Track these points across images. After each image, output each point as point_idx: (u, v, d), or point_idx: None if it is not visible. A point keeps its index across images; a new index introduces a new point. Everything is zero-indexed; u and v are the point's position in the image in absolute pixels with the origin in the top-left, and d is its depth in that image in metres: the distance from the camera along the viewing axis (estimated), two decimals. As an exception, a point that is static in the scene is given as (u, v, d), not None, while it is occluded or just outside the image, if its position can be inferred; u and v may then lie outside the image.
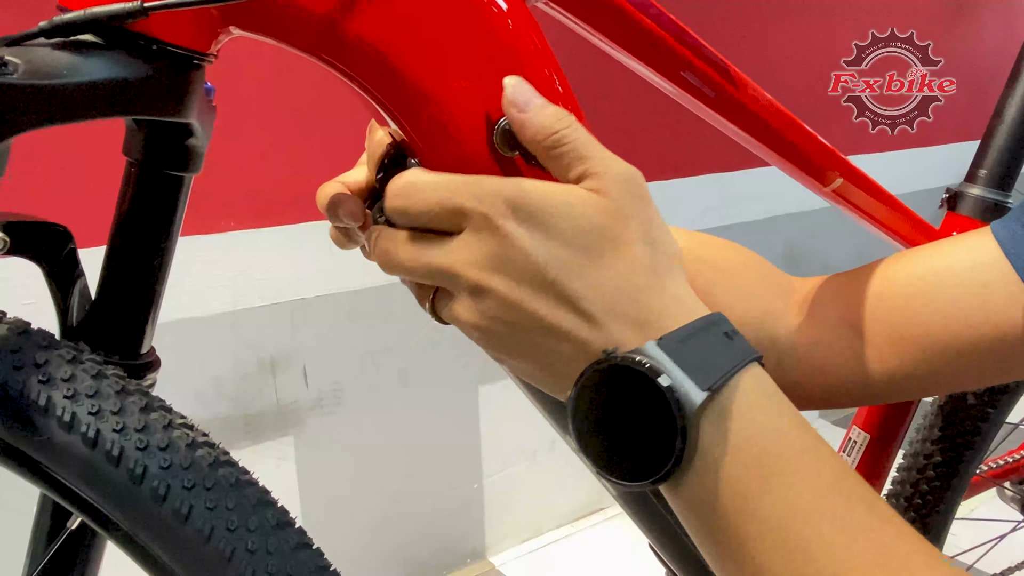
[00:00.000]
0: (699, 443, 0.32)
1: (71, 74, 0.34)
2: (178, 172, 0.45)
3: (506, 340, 0.35)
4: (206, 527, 0.39)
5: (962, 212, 0.70)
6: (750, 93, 0.54)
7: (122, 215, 0.45)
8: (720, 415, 0.32)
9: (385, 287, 1.31)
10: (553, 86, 0.43)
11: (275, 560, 0.39)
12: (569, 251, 0.33)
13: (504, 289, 0.33)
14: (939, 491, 0.75)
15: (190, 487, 0.40)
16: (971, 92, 1.75)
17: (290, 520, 0.42)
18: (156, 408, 0.43)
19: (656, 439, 0.33)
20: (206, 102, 0.43)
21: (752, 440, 0.32)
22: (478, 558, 1.54)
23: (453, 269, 0.35)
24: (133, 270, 0.46)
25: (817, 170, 0.58)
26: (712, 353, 0.33)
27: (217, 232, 1.15)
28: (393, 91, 0.40)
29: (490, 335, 0.35)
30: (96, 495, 0.40)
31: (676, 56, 0.50)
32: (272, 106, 1.16)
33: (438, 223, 0.35)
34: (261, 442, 1.25)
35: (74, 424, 0.39)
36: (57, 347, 0.42)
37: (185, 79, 0.39)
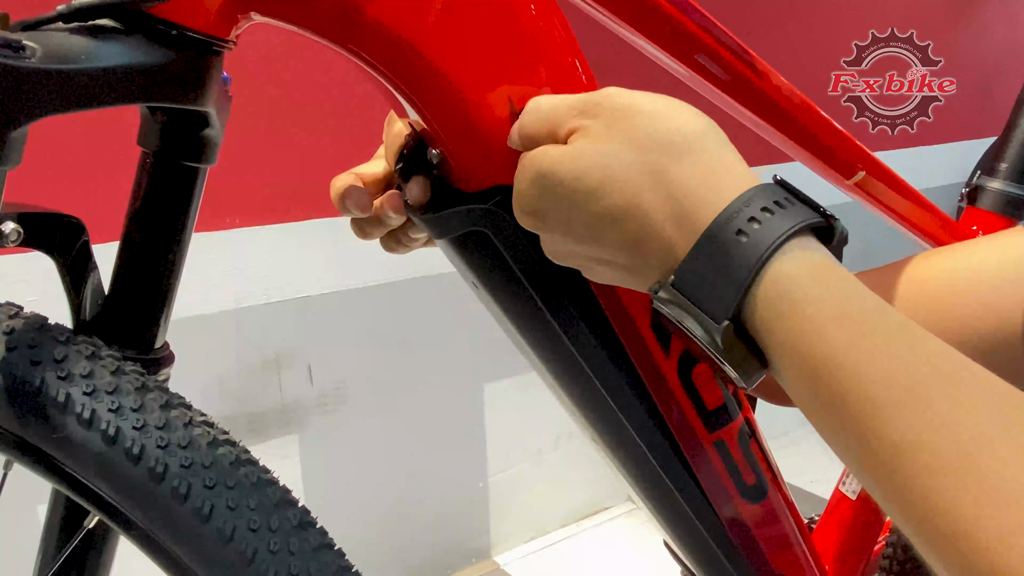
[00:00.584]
0: (763, 348, 0.33)
1: (89, 59, 0.33)
2: (194, 163, 0.43)
3: (594, 258, 0.38)
4: (228, 527, 0.38)
5: (982, 206, 0.70)
6: (772, 81, 0.53)
7: (137, 207, 0.44)
8: (761, 320, 0.33)
9: (389, 285, 1.30)
10: (575, 73, 0.43)
11: (297, 561, 0.38)
12: (587, 215, 0.36)
13: (558, 230, 0.38)
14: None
15: (211, 486, 0.39)
16: (971, 92, 1.74)
17: (312, 520, 0.41)
18: (176, 405, 0.42)
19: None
20: (223, 91, 0.42)
21: (841, 295, 0.32)
22: (483, 557, 1.53)
23: (531, 192, 0.38)
24: (148, 263, 0.45)
25: (840, 163, 0.57)
26: (719, 281, 0.33)
27: (221, 229, 1.14)
28: (414, 79, 0.39)
29: (585, 261, 0.39)
30: (115, 493, 0.39)
31: (692, 39, 0.49)
32: (278, 101, 1.15)
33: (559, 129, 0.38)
34: (265, 440, 1.24)
35: (93, 421, 0.39)
36: (75, 343, 0.41)
37: (204, 66, 0.38)
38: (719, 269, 0.33)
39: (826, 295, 0.32)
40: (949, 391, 0.29)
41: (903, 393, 0.29)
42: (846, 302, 0.32)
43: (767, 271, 0.33)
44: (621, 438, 0.49)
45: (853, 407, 0.30)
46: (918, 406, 0.29)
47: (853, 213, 0.63)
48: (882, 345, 0.31)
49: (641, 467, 0.51)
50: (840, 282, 0.33)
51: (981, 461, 0.27)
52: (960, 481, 0.27)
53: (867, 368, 0.30)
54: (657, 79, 0.52)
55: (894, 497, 0.30)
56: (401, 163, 0.43)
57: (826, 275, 0.33)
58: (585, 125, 0.37)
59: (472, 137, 0.40)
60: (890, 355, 0.30)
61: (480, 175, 0.41)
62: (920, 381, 0.30)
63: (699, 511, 0.52)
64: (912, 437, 0.29)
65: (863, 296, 0.33)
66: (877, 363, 0.30)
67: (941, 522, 0.28)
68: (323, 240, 1.23)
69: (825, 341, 0.31)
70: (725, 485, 0.51)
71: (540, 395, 1.57)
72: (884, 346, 0.31)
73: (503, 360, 1.45)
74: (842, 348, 0.31)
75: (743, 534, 0.53)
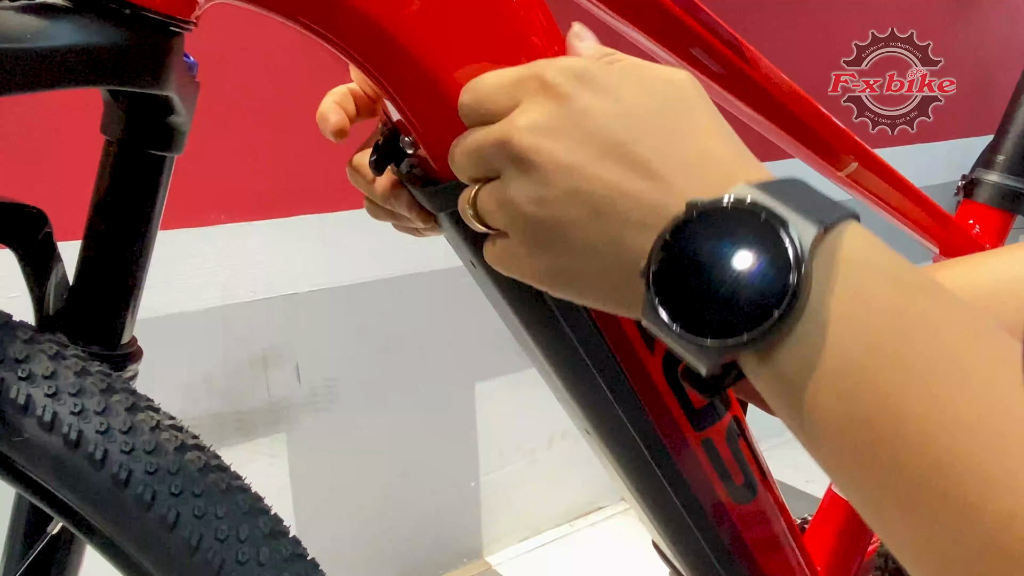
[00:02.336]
0: (816, 287, 0.26)
1: (36, 39, 0.32)
2: (160, 152, 0.42)
3: (557, 228, 0.31)
4: (194, 536, 0.36)
5: (979, 200, 0.68)
6: (762, 71, 0.51)
7: (101, 197, 0.42)
8: (835, 256, 0.26)
9: (379, 281, 1.29)
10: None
11: (267, 572, 0.37)
12: (637, 113, 0.30)
13: (562, 152, 0.30)
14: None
15: (177, 493, 0.37)
16: (971, 91, 1.74)
17: (284, 529, 0.39)
18: (143, 408, 0.40)
19: (758, 293, 0.26)
20: (188, 76, 0.41)
21: (884, 283, 0.26)
22: (474, 557, 1.52)
23: (506, 135, 0.31)
24: (113, 256, 0.44)
25: (832, 154, 0.56)
26: (812, 198, 0.28)
27: (206, 225, 1.13)
28: (388, 65, 0.38)
29: (537, 226, 0.31)
30: (78, 499, 0.38)
31: (685, 30, 0.48)
32: (262, 95, 1.14)
33: (503, 102, 0.32)
34: (253, 439, 1.23)
35: (55, 424, 0.37)
36: (39, 341, 0.40)
37: (162, 48, 0.36)
38: (813, 194, 0.28)
39: (896, 268, 0.27)
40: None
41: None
42: (906, 283, 0.27)
43: (852, 220, 0.28)
44: (613, 428, 0.49)
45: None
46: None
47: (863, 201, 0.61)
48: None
49: (633, 461, 0.50)
50: (899, 266, 0.27)
51: None
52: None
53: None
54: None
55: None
56: (375, 154, 0.42)
57: (894, 255, 0.28)
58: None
59: (449, 129, 0.39)
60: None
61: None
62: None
63: (689, 509, 0.51)
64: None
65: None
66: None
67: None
68: (311, 236, 1.22)
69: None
70: (713, 484, 0.50)
71: (533, 394, 1.57)
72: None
73: (495, 358, 1.44)
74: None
75: (732, 534, 0.52)
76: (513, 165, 0.31)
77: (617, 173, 0.29)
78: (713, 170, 0.29)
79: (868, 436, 0.25)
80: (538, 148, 0.30)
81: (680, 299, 0.27)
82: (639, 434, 0.48)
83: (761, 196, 0.27)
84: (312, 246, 1.22)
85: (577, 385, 0.48)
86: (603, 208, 0.29)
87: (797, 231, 0.26)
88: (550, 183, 0.30)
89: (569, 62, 0.31)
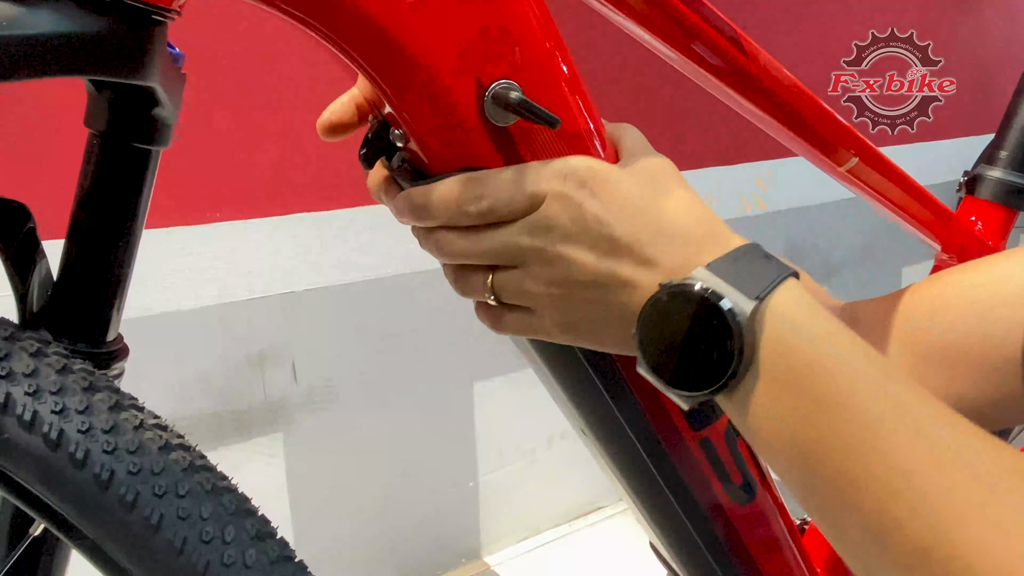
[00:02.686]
0: (755, 346, 0.35)
1: (12, 26, 0.31)
2: (145, 145, 0.41)
3: (572, 303, 0.39)
4: (178, 538, 0.35)
5: (981, 196, 0.67)
6: (762, 64, 0.50)
7: (85, 192, 0.42)
8: (768, 319, 0.35)
9: (377, 280, 1.28)
10: (554, 61, 0.40)
11: (254, 574, 0.36)
12: (632, 209, 0.38)
13: (579, 256, 0.38)
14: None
15: (161, 494, 0.36)
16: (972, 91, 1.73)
17: (271, 531, 0.38)
18: (126, 407, 0.40)
19: (712, 355, 0.36)
20: (173, 68, 0.40)
21: (801, 340, 0.35)
22: (473, 558, 1.51)
23: (532, 244, 0.38)
24: (98, 252, 0.43)
25: (831, 149, 0.55)
26: (754, 270, 0.37)
27: (202, 223, 1.12)
28: (375, 55, 0.37)
29: (556, 301, 0.39)
30: (59, 500, 0.37)
31: (686, 25, 0.47)
32: (259, 92, 1.13)
33: (517, 212, 0.38)
34: (250, 439, 1.22)
35: (35, 423, 0.36)
36: (19, 338, 0.39)
37: (144, 37, 0.36)
38: (758, 263, 0.37)
39: (815, 323, 0.36)
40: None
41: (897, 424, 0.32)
42: (821, 335, 0.36)
43: (788, 281, 0.37)
44: (610, 428, 0.48)
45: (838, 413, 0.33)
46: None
47: (851, 212, 0.60)
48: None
49: (629, 461, 0.50)
50: (818, 321, 0.36)
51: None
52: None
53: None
54: (638, 90, 0.50)
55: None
56: (365, 148, 0.41)
57: (816, 310, 0.36)
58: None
59: (438, 121, 0.38)
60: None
61: (444, 157, 0.39)
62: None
63: (687, 510, 0.51)
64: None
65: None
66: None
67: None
68: (308, 235, 1.21)
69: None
70: (712, 485, 0.50)
71: (532, 393, 1.56)
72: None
73: (494, 358, 1.43)
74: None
75: (731, 535, 0.52)
76: (538, 263, 0.38)
77: (619, 264, 0.38)
78: (681, 251, 0.38)
79: (793, 455, 0.35)
80: (563, 254, 0.38)
81: (658, 360, 0.37)
82: (636, 434, 0.48)
83: (711, 278, 0.35)
84: (310, 244, 1.22)
85: (573, 385, 0.48)
86: (609, 288, 0.38)
87: (738, 305, 0.35)
88: (569, 276, 0.38)
89: (569, 167, 0.38)
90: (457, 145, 0.38)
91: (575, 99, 0.41)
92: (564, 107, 0.40)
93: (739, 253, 0.38)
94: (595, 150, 0.42)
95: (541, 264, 0.38)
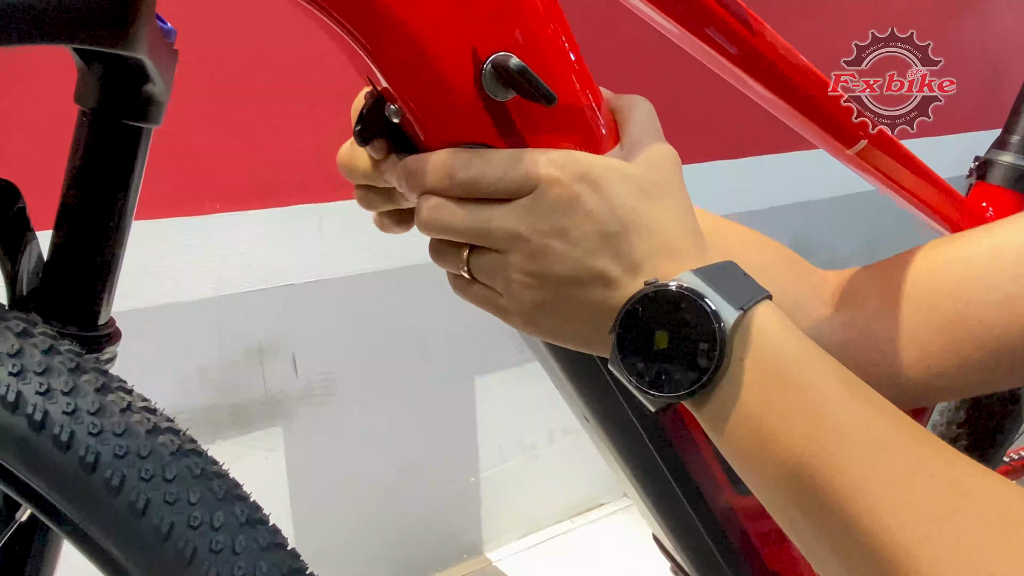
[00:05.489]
0: (731, 355, 0.35)
1: None
2: (136, 123, 0.40)
3: (544, 295, 0.38)
4: (164, 523, 0.34)
5: (993, 181, 0.66)
6: (768, 41, 0.49)
7: (75, 170, 0.41)
8: (748, 331, 0.36)
9: (378, 273, 1.27)
10: (558, 41, 0.39)
11: (242, 561, 0.35)
12: (625, 208, 0.37)
13: (565, 248, 0.37)
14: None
15: (148, 478, 0.35)
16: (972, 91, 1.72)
17: (262, 517, 0.37)
18: (114, 389, 0.38)
19: (691, 358, 0.36)
20: (163, 43, 0.39)
21: (778, 354, 0.36)
22: (474, 554, 1.50)
23: (517, 231, 0.37)
24: (88, 232, 0.42)
25: (841, 131, 0.54)
26: (736, 284, 0.37)
27: (201, 214, 1.11)
28: (368, 25, 0.36)
29: (528, 290, 0.38)
30: (43, 484, 0.36)
31: (699, 7, 0.46)
32: (259, 81, 1.12)
33: (507, 191, 0.37)
34: (249, 433, 1.21)
35: (19, 404, 0.36)
36: (5, 318, 0.38)
37: (128, 5, 0.34)
38: (739, 279, 0.38)
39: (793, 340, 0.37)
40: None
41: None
42: (798, 352, 0.36)
43: (766, 301, 0.38)
44: (614, 415, 0.48)
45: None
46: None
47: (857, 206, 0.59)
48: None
49: (634, 450, 0.49)
50: (796, 339, 0.37)
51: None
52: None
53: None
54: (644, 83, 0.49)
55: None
56: (360, 124, 0.40)
57: (794, 329, 0.37)
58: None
59: (433, 93, 0.37)
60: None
61: (442, 131, 0.38)
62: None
63: (692, 501, 0.50)
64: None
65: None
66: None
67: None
68: (308, 226, 1.20)
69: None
70: (716, 473, 0.49)
71: (534, 389, 1.55)
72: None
73: (495, 352, 1.42)
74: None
75: (736, 526, 0.51)
76: (521, 252, 0.37)
77: (605, 262, 0.37)
78: (670, 256, 0.37)
79: (762, 465, 0.35)
80: (550, 246, 0.37)
81: (633, 359, 0.36)
82: (639, 419, 0.46)
83: (697, 282, 0.36)
84: (309, 236, 1.21)
85: (575, 369, 0.47)
86: (588, 285, 0.37)
87: (723, 313, 0.35)
88: (549, 269, 0.37)
89: (574, 162, 0.37)
90: (453, 119, 0.37)
91: (576, 78, 0.40)
92: (565, 85, 0.39)
93: (721, 266, 0.38)
94: (596, 130, 0.41)
95: (524, 254, 0.37)
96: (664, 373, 0.36)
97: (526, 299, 0.38)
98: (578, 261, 0.37)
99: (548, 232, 0.37)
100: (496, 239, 0.38)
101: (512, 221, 0.37)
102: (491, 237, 0.38)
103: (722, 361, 0.35)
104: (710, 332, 0.35)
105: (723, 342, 0.35)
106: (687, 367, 0.36)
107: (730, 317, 0.35)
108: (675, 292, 0.36)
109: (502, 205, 0.37)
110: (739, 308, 0.35)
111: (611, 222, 0.37)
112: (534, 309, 0.39)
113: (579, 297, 0.38)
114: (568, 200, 0.36)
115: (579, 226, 0.36)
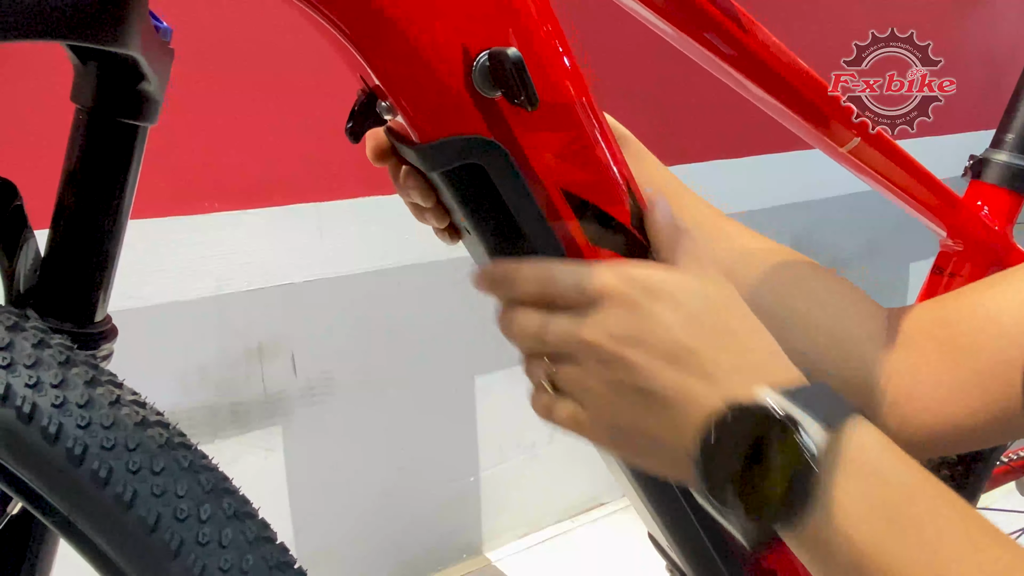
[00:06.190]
0: (830, 482, 0.33)
1: None
2: (132, 120, 0.40)
3: (626, 408, 0.38)
4: (151, 515, 0.35)
5: (987, 180, 0.66)
6: (760, 40, 0.50)
7: (71, 168, 0.41)
8: (851, 458, 0.34)
9: (377, 272, 1.28)
10: (551, 43, 0.39)
11: (230, 554, 0.35)
12: (695, 321, 0.37)
13: (641, 360, 0.37)
14: (961, 477, 0.71)
15: (135, 470, 0.35)
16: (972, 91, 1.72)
17: (250, 511, 0.37)
18: (103, 382, 0.39)
19: (785, 484, 0.34)
20: (158, 41, 0.39)
21: (878, 480, 0.34)
22: (474, 553, 1.50)
23: (593, 340, 0.37)
24: (84, 230, 0.42)
25: (833, 128, 0.54)
26: (823, 401, 0.35)
27: (200, 213, 1.11)
28: (358, 23, 0.36)
29: (611, 403, 0.38)
30: (31, 476, 0.36)
31: (692, 9, 0.46)
32: (258, 80, 1.12)
33: (575, 302, 0.38)
34: (248, 432, 1.21)
35: (8, 396, 0.36)
36: (-4, 313, 0.38)
37: (120, 1, 0.35)
38: (826, 397, 0.36)
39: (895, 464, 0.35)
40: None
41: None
42: (901, 478, 0.35)
43: (859, 417, 0.35)
44: None
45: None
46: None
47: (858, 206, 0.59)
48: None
49: None
50: (898, 461, 0.35)
51: None
52: None
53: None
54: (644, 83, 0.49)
55: None
56: (351, 121, 0.40)
57: (895, 450, 0.35)
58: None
59: (424, 91, 0.37)
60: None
61: (432, 126, 0.38)
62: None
63: (688, 499, 0.50)
64: None
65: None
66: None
67: None
68: (307, 225, 1.20)
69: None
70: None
71: (531, 387, 1.54)
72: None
73: (495, 352, 1.42)
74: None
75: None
76: (596, 361, 0.38)
77: (681, 376, 0.36)
78: (752, 372, 0.36)
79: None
80: (621, 354, 0.37)
81: (721, 485, 0.34)
82: None
83: (783, 402, 0.34)
84: (309, 236, 1.21)
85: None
86: (669, 402, 0.37)
87: (811, 434, 0.33)
88: (628, 380, 0.37)
89: (638, 273, 0.38)
90: (443, 113, 0.37)
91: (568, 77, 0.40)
92: (557, 84, 0.39)
93: (810, 388, 0.36)
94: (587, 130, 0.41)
95: (598, 362, 0.37)
96: (755, 500, 0.34)
97: (609, 412, 0.38)
98: (656, 372, 0.37)
99: (621, 342, 0.37)
100: (569, 346, 0.38)
101: (583, 329, 0.38)
102: (564, 343, 0.38)
103: (817, 489, 0.33)
104: (804, 459, 0.33)
105: (819, 470, 0.33)
106: (781, 494, 0.34)
107: (821, 440, 0.33)
108: (757, 412, 0.34)
109: (572, 312, 0.38)
110: (831, 430, 0.34)
111: (684, 334, 0.37)
112: (617, 422, 0.38)
113: (659, 411, 0.37)
114: (639, 315, 0.37)
115: (653, 337, 0.37)
